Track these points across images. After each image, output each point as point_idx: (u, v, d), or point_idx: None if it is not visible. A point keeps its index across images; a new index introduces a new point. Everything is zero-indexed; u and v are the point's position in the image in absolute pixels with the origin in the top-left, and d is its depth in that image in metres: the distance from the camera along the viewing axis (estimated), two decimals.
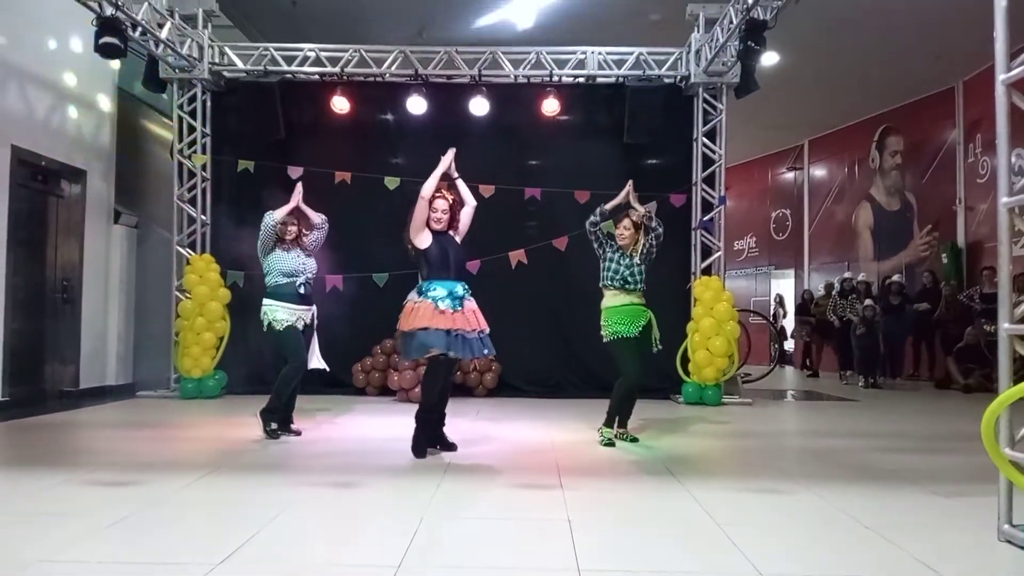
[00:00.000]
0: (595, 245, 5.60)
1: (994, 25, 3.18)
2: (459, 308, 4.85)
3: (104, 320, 8.65)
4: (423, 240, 4.93)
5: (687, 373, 8.24)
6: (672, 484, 4.19)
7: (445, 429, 5.17)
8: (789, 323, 15.43)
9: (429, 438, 5.01)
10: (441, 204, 4.99)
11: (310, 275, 5.68)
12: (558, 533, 3.17)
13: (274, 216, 5.56)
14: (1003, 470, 3.02)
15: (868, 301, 11.18)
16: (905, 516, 3.54)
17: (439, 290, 4.84)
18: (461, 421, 6.20)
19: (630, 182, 5.66)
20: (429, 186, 4.95)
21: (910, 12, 9.34)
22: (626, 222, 5.54)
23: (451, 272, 4.93)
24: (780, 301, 16.14)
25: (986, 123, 10.79)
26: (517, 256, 8.04)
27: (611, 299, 5.47)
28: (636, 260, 5.48)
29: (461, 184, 5.20)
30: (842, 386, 11.07)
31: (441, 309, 4.76)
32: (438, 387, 5.00)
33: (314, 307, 5.75)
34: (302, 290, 5.57)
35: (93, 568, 2.72)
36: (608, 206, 5.60)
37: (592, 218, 5.58)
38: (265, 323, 5.52)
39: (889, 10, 9.34)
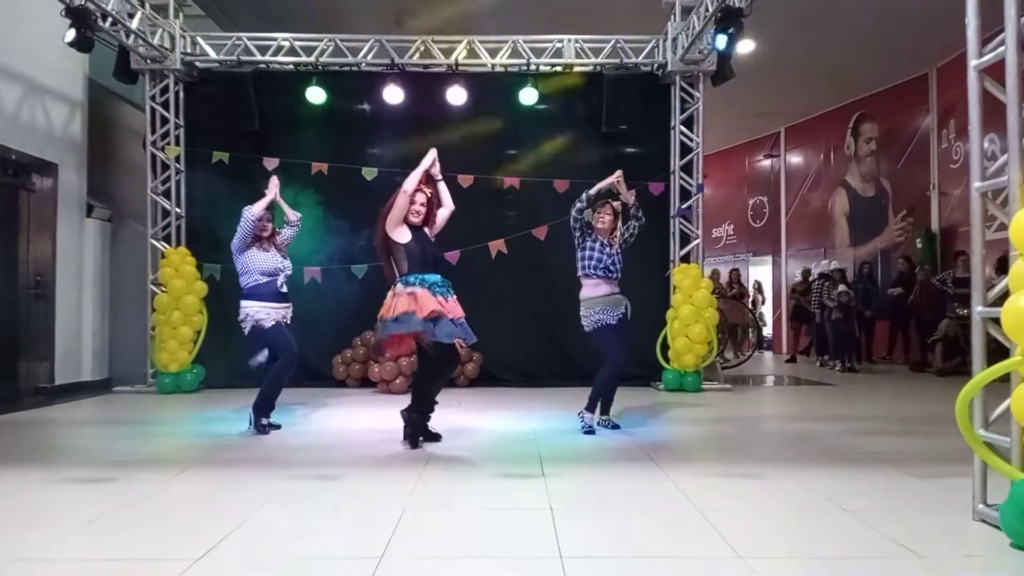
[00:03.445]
0: (576, 233, 5.56)
1: (966, 12, 3.22)
2: (449, 296, 4.86)
3: (78, 315, 8.53)
4: (402, 235, 4.88)
5: (667, 360, 8.29)
6: (653, 470, 4.22)
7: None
8: (767, 309, 15.58)
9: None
10: (420, 197, 4.97)
11: (288, 273, 5.62)
12: (540, 521, 3.18)
13: (253, 211, 5.44)
14: (977, 451, 3.07)
15: (843, 287, 11.30)
16: (882, 498, 3.60)
17: (425, 282, 4.80)
18: (443, 412, 6.17)
19: (619, 172, 5.60)
20: (412, 181, 4.91)
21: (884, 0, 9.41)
22: (608, 209, 5.54)
23: (430, 267, 4.91)
24: (758, 287, 16.26)
25: (959, 109, 10.92)
26: (497, 246, 8.01)
27: (592, 289, 5.47)
28: (617, 248, 5.51)
29: (443, 186, 5.16)
30: (819, 370, 11.20)
31: (435, 295, 4.74)
32: (444, 381, 5.12)
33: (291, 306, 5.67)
34: (284, 289, 5.52)
35: (72, 565, 2.70)
36: (593, 191, 5.57)
37: (578, 204, 5.52)
38: (248, 326, 5.40)
39: None
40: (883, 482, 3.94)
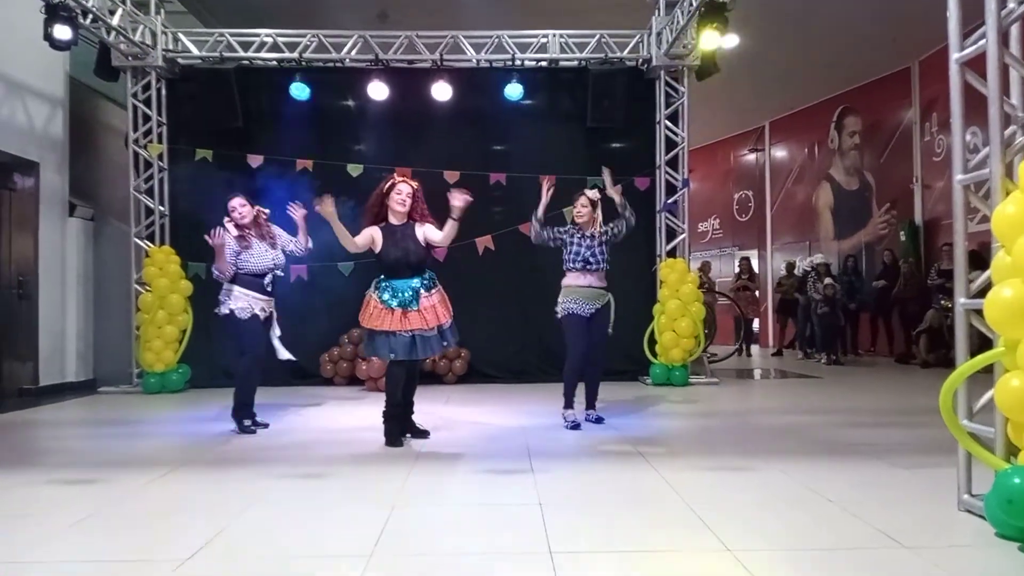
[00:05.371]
0: (553, 245, 5.55)
1: (947, 5, 3.24)
2: (415, 308, 4.77)
3: (62, 316, 8.46)
4: (377, 242, 4.90)
5: (654, 354, 8.32)
6: (641, 464, 4.23)
7: (415, 417, 5.16)
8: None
9: (400, 428, 4.99)
10: (405, 188, 4.94)
11: (279, 271, 5.54)
12: (529, 517, 3.18)
13: (222, 270, 5.27)
14: (961, 441, 3.10)
15: (828, 280, 11.36)
16: (867, 489, 3.62)
17: (387, 292, 4.80)
18: (431, 409, 6.20)
19: (606, 171, 5.59)
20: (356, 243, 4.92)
21: None
22: (583, 199, 5.52)
23: (406, 270, 4.86)
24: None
25: (941, 102, 11.01)
26: (484, 242, 8.01)
27: (571, 279, 5.49)
28: (598, 240, 5.49)
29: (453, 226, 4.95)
30: (805, 363, 11.26)
31: (391, 308, 4.73)
32: (400, 389, 4.93)
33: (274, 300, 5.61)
34: (270, 288, 5.46)
35: (59, 568, 2.67)
36: (540, 211, 5.52)
37: (535, 226, 5.51)
38: (226, 310, 5.32)
39: None
40: (869, 473, 3.97)
